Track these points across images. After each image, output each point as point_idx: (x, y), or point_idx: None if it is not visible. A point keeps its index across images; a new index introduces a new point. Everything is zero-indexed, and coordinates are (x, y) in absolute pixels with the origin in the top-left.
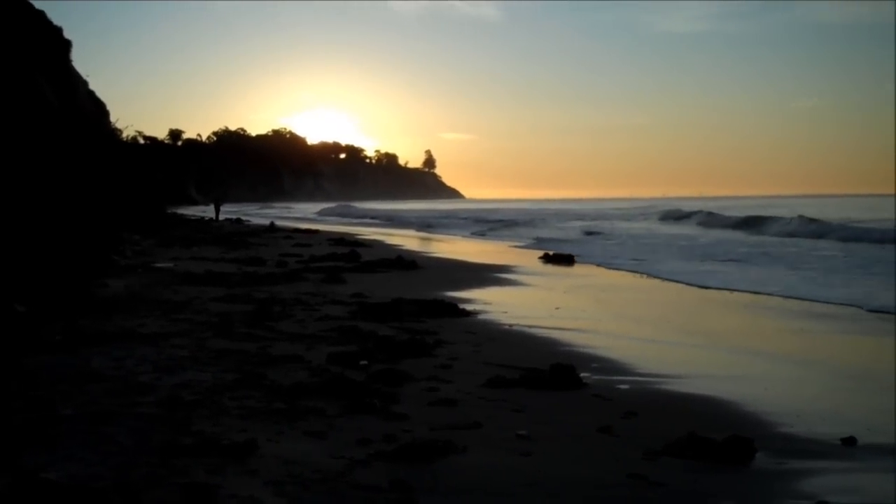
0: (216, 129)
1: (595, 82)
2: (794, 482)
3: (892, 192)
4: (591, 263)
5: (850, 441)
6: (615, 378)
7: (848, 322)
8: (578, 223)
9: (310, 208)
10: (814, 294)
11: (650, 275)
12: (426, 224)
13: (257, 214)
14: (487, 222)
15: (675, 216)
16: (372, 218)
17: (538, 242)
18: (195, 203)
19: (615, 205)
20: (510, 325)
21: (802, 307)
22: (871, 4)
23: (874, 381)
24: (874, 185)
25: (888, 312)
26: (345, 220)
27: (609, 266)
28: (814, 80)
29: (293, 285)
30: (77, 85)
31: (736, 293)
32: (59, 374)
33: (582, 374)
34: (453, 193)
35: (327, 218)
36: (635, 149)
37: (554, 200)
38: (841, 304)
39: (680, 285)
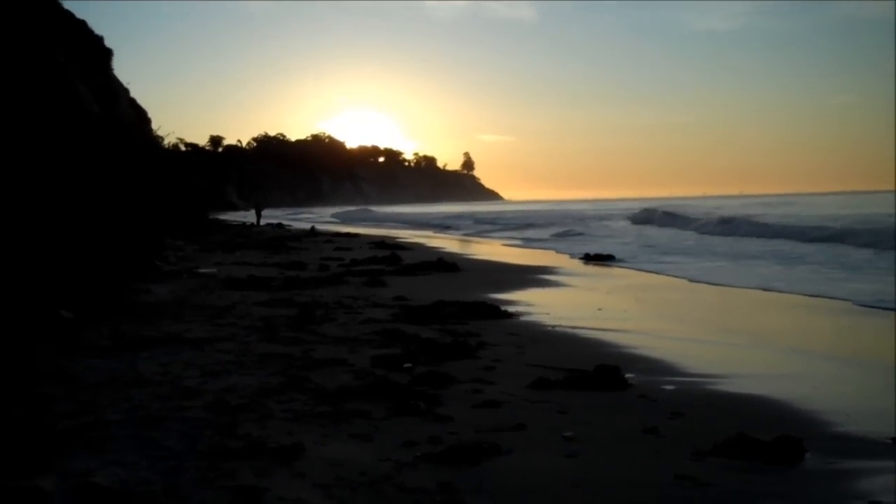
0: (256, 134)
1: (632, 81)
2: (844, 482)
3: None
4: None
5: None
6: (660, 378)
7: (890, 318)
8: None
9: (327, 211)
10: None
11: (680, 276)
12: (444, 226)
13: (286, 217)
14: (489, 223)
15: (644, 218)
16: (391, 221)
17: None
18: (236, 208)
19: (645, 204)
20: (553, 326)
21: (837, 305)
22: None
23: None
24: None
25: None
26: (359, 223)
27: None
28: (849, 76)
29: (335, 289)
30: (119, 93)
31: (768, 292)
32: (106, 378)
33: (627, 375)
34: (492, 195)
35: (337, 221)
36: (675, 147)
37: (593, 201)
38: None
39: (716, 286)
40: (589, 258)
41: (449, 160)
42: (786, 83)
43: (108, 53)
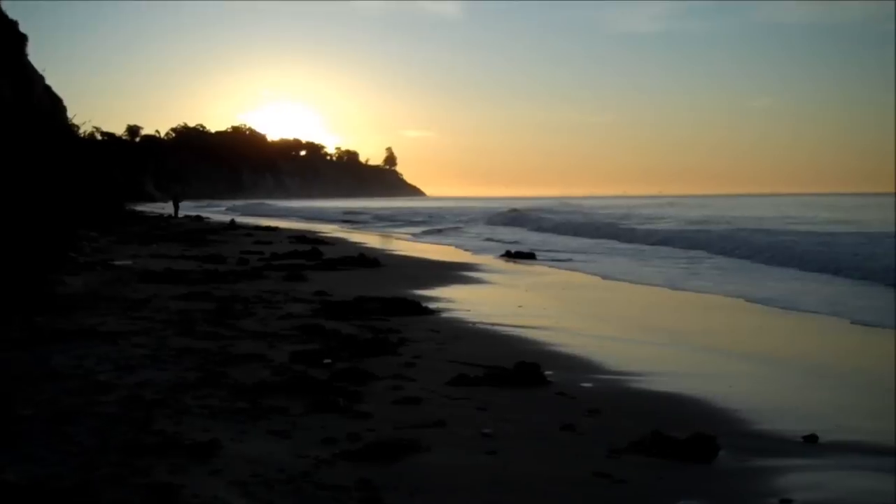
0: (175, 125)
1: (555, 81)
2: (756, 479)
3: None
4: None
5: (811, 438)
6: (579, 376)
7: (809, 321)
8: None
9: (231, 205)
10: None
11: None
12: (346, 221)
13: (190, 210)
14: (389, 220)
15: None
16: (287, 216)
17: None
18: (154, 200)
19: (551, 202)
20: (474, 323)
21: (759, 306)
22: (824, 5)
23: (835, 378)
24: (822, 184)
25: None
26: (250, 216)
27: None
28: (769, 79)
29: (254, 283)
30: (33, 79)
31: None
32: (17, 372)
33: (546, 372)
34: (414, 191)
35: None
36: (596, 147)
37: (511, 199)
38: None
39: (636, 285)
40: (510, 255)
41: (372, 155)
42: (707, 85)
43: (22, 39)
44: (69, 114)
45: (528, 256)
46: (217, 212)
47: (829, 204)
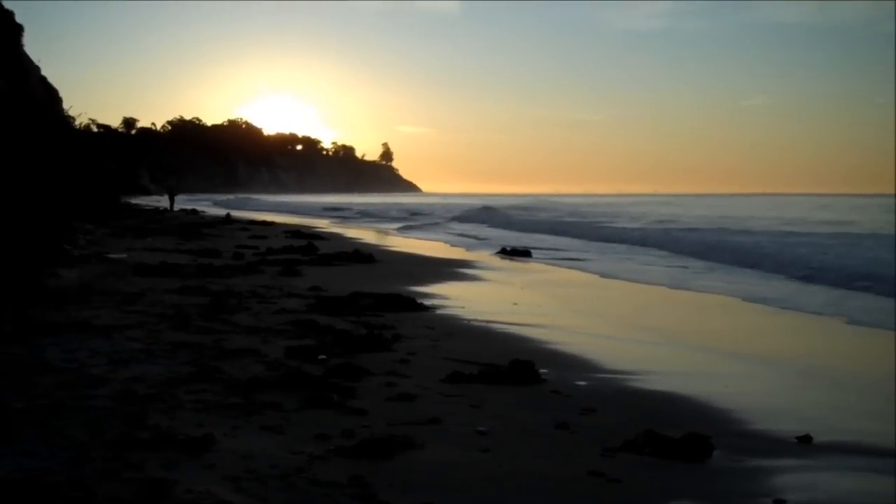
0: (171, 117)
1: (552, 78)
2: (750, 480)
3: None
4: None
5: (805, 439)
6: (574, 374)
7: (804, 322)
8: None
9: (216, 199)
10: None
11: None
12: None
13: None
14: (372, 215)
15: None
16: (272, 210)
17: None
18: (149, 193)
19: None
20: (469, 320)
21: (754, 306)
22: (819, 5)
23: (830, 378)
24: (822, 185)
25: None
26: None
27: None
28: (763, 78)
29: (249, 278)
30: (28, 70)
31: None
32: (9, 365)
33: (541, 370)
34: (410, 187)
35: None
36: (590, 144)
37: (505, 195)
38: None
39: (633, 284)
40: (505, 252)
41: (368, 150)
42: (703, 84)
43: (18, 29)
44: (65, 105)
45: (523, 254)
46: (202, 205)
47: (826, 204)
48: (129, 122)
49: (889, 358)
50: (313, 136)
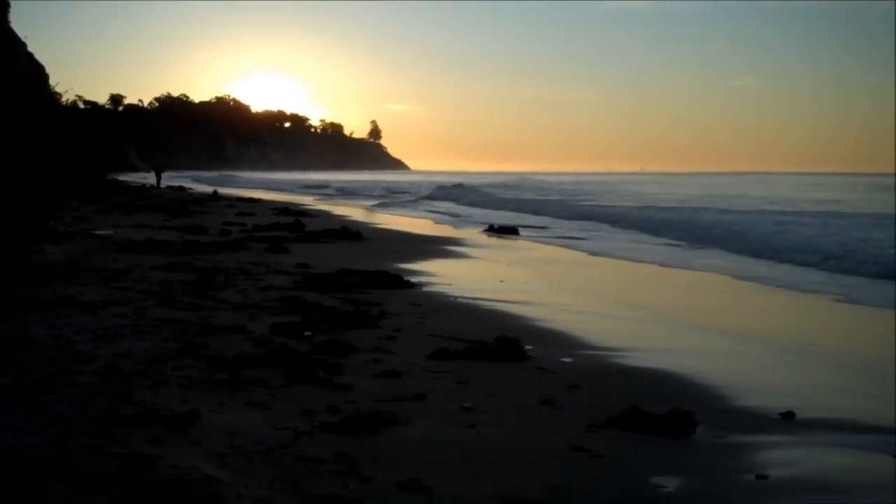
0: (158, 94)
1: (540, 56)
2: (733, 455)
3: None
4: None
5: (788, 415)
6: (559, 351)
7: (790, 299)
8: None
9: (201, 176)
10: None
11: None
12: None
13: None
14: (350, 193)
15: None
16: (250, 187)
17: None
18: (136, 170)
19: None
20: (455, 297)
21: (741, 282)
22: None
23: (814, 355)
24: (812, 163)
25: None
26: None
27: None
28: (752, 58)
29: (236, 254)
30: (15, 46)
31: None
32: None
33: (527, 347)
34: (398, 164)
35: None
36: (579, 123)
37: (492, 173)
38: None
39: (620, 261)
40: (493, 230)
41: (356, 128)
42: (690, 63)
43: (4, 5)
44: (51, 82)
45: (510, 231)
46: (182, 182)
47: (818, 183)
48: (116, 99)
49: (873, 335)
50: (301, 113)
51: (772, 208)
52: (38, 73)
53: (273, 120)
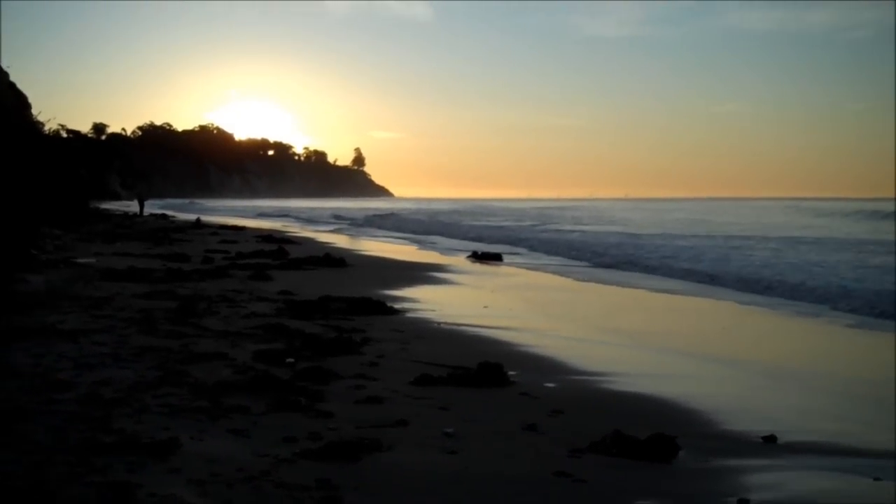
0: (141, 123)
1: (524, 84)
2: (715, 479)
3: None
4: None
5: (770, 439)
6: (543, 376)
7: (771, 322)
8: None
9: (172, 203)
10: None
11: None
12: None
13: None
14: (308, 220)
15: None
16: (215, 213)
17: None
18: (119, 198)
19: (530, 205)
20: (438, 323)
21: (723, 305)
22: (788, 14)
23: (795, 379)
24: (793, 188)
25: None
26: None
27: None
28: (734, 85)
29: (219, 282)
30: None
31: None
32: None
33: (510, 373)
34: (382, 192)
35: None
36: (564, 150)
37: (475, 200)
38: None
39: (602, 286)
40: (476, 256)
41: (340, 156)
42: (673, 90)
43: None
44: (34, 111)
45: (494, 258)
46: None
47: (796, 207)
48: (98, 128)
49: (853, 358)
50: (285, 141)
51: (734, 233)
52: (20, 102)
53: (257, 148)
